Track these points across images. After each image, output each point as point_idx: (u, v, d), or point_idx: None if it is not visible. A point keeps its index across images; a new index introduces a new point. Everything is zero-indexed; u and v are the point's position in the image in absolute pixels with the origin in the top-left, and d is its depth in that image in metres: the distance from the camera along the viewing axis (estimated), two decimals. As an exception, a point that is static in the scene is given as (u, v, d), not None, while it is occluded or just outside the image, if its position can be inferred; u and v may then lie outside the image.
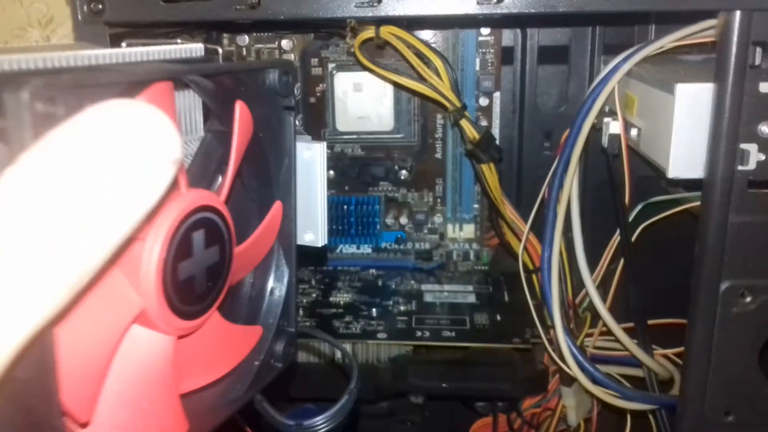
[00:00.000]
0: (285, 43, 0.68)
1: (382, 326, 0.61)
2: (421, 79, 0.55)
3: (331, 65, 0.68)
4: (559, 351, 0.56)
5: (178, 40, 0.40)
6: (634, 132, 0.57)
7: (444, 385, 0.59)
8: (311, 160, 0.46)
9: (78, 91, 0.24)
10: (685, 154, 0.47)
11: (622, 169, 0.59)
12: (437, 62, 0.54)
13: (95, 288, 0.27)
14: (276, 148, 0.43)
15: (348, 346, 0.60)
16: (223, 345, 0.38)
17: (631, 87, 0.57)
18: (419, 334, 0.59)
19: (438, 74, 0.55)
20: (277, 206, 0.42)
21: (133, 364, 0.31)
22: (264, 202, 0.42)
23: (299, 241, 0.45)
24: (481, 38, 0.66)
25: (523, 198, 0.71)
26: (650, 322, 0.63)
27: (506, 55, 0.69)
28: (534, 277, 0.64)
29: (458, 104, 0.55)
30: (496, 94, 0.68)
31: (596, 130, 0.64)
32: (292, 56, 0.68)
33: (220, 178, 0.39)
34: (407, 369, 0.59)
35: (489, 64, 0.67)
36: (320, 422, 0.44)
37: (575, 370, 0.54)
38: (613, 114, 0.59)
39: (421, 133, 0.70)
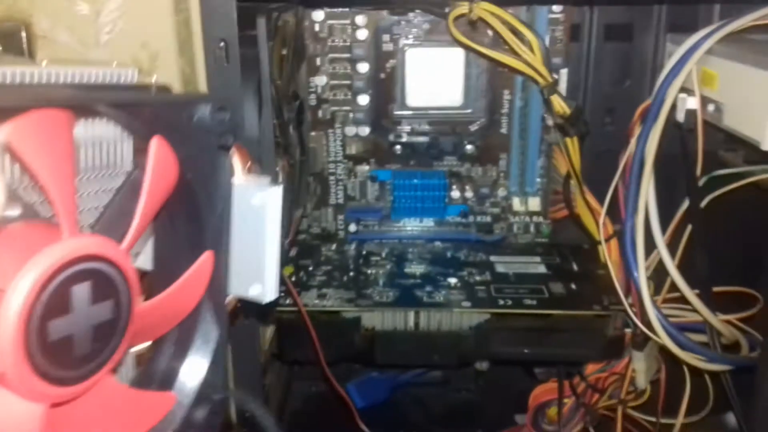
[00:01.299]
0: (359, 19, 0.68)
1: (463, 295, 0.63)
2: (515, 54, 0.56)
3: (402, 41, 0.69)
4: (644, 318, 0.58)
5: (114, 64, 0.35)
6: (711, 107, 0.59)
7: (526, 350, 0.61)
8: (263, 206, 0.40)
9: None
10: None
11: (695, 143, 0.61)
12: (531, 38, 0.55)
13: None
14: (207, 191, 0.38)
15: (433, 314, 0.62)
16: (120, 414, 0.33)
17: (710, 63, 0.59)
18: (502, 302, 0.61)
19: (531, 50, 0.56)
20: (206, 256, 0.38)
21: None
22: (196, 249, 0.38)
23: (243, 294, 0.41)
24: (551, 15, 0.68)
25: (586, 171, 0.73)
26: (715, 289, 0.66)
27: (573, 33, 0.70)
28: (600, 248, 0.66)
29: (550, 79, 0.57)
30: (564, 71, 0.70)
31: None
32: (365, 32, 0.69)
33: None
34: (491, 336, 0.61)
35: (558, 41, 0.69)
36: None
37: (663, 337, 0.56)
38: (686, 90, 0.61)
39: (488, 108, 0.72)
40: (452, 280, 0.65)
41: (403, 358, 0.63)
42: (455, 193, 0.74)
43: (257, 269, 0.41)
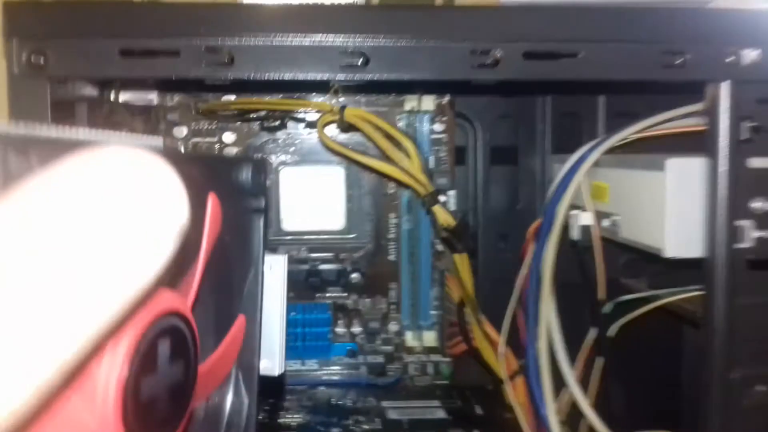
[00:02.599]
0: (227, 136, 0.62)
1: (347, 449, 0.52)
2: (391, 161, 0.51)
3: (277, 159, 0.63)
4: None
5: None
6: (606, 221, 0.55)
7: None
8: (271, 276, 0.40)
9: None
10: (681, 231, 0.46)
11: (592, 263, 0.56)
12: (407, 144, 0.51)
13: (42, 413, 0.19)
14: (242, 254, 0.37)
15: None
16: None
17: (599, 176, 0.57)
18: (393, 455, 0.51)
19: (408, 156, 0.51)
20: (240, 321, 0.36)
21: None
22: (221, 316, 0.36)
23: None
24: (434, 136, 0.65)
25: (480, 300, 0.67)
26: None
27: (459, 156, 0.67)
28: (505, 388, 0.58)
29: (430, 188, 0.51)
30: (451, 192, 0.65)
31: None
32: (234, 150, 0.63)
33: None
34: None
35: (443, 162, 0.65)
36: None
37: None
38: (577, 207, 0.58)
39: (374, 233, 0.65)
40: (334, 431, 0.54)
41: None
42: (340, 329, 0.65)
43: (266, 342, 0.39)
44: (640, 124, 0.54)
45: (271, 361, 0.41)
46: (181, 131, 0.61)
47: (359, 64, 0.39)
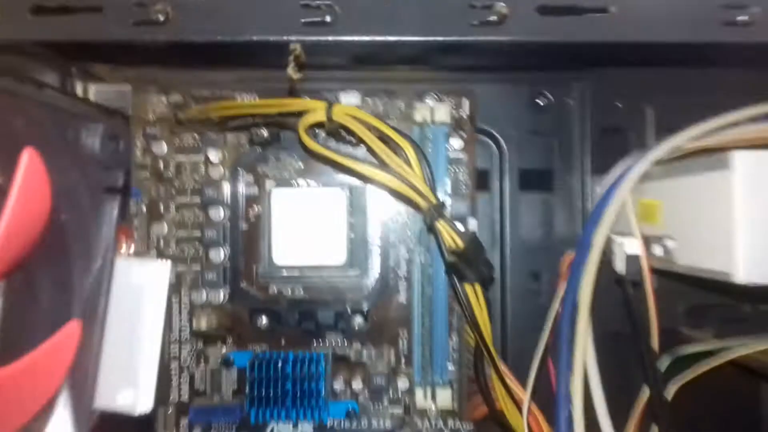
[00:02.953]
0: (213, 154, 0.55)
1: None
2: (388, 169, 0.42)
3: (269, 182, 0.55)
4: None
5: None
6: (657, 248, 0.44)
7: None
8: (144, 287, 0.34)
9: None
10: (759, 247, 0.34)
11: (643, 304, 0.45)
12: (408, 149, 0.42)
13: None
14: (85, 243, 0.30)
15: None
16: None
17: (648, 193, 0.46)
18: None
19: (409, 164, 0.42)
20: (72, 327, 0.29)
21: None
22: (59, 318, 0.28)
23: (107, 403, 0.32)
24: (451, 154, 0.55)
25: (509, 353, 0.56)
26: None
27: (481, 180, 0.57)
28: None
29: (434, 200, 0.42)
30: (473, 221, 0.55)
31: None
32: (221, 169, 0.55)
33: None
34: None
35: (462, 185, 0.55)
36: None
37: None
38: (622, 235, 0.47)
39: (381, 268, 0.55)
40: None
41: None
42: (339, 385, 0.55)
43: (130, 370, 0.32)
44: (699, 128, 0.43)
45: (134, 395, 0.33)
46: (161, 148, 0.54)
47: (326, 21, 0.30)
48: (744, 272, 0.34)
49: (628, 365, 0.50)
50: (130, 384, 0.31)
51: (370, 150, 0.42)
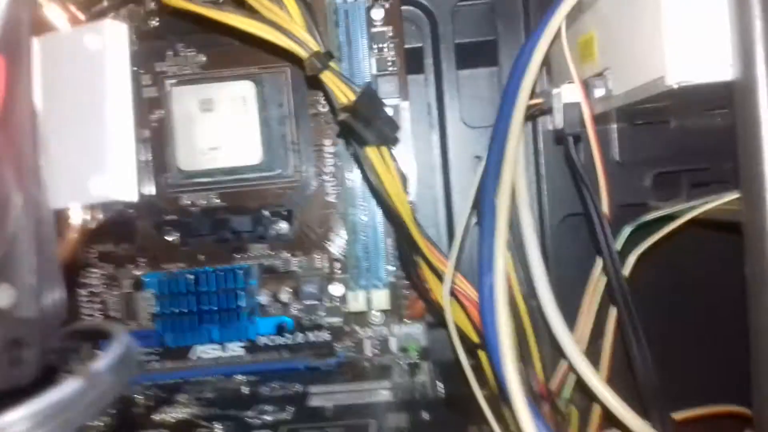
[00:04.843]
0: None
1: (222, 447, 0.35)
2: (258, 17, 0.35)
3: (169, 81, 0.49)
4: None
5: None
6: (599, 90, 0.37)
7: None
8: (102, 52, 0.28)
9: None
10: (693, 43, 0.27)
11: (591, 160, 0.38)
12: (284, -2, 0.34)
13: None
14: None
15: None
16: None
17: (583, 25, 0.38)
18: (284, 452, 0.33)
19: (287, 12, 0.35)
20: None
21: None
22: None
23: (85, 199, 0.27)
24: (374, 29, 0.48)
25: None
26: (677, 415, 0.39)
27: (412, 61, 0.50)
28: (482, 355, 0.39)
29: (316, 47, 0.35)
30: (404, 104, 0.48)
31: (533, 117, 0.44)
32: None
33: None
34: None
35: (389, 64, 0.48)
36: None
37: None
38: (560, 81, 0.40)
39: (303, 166, 0.49)
40: (219, 426, 0.38)
41: None
42: (265, 298, 0.49)
43: (101, 152, 0.27)
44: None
45: (108, 180, 0.27)
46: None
47: None
48: (674, 71, 0.27)
49: (582, 247, 0.43)
50: (103, 171, 0.27)
51: (244, 5, 0.36)
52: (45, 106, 0.28)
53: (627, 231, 0.41)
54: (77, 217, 0.28)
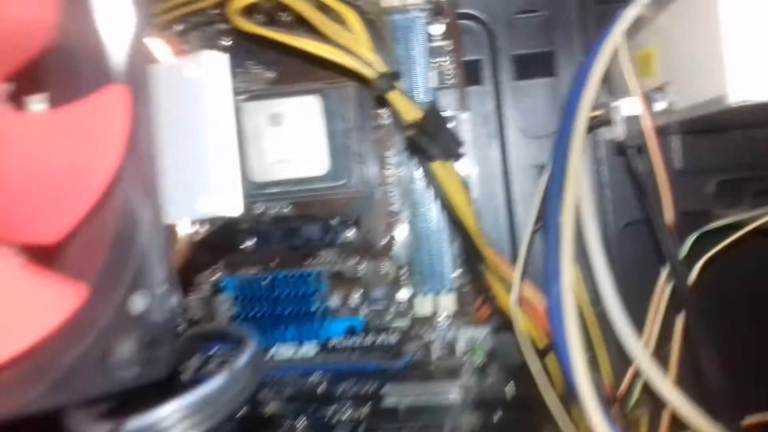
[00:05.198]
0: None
1: (307, 443, 0.38)
2: (328, 41, 0.38)
3: (240, 97, 0.52)
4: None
5: None
6: (659, 103, 0.38)
7: None
8: (203, 79, 0.30)
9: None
10: (754, 61, 0.28)
11: (652, 172, 0.39)
12: (350, 17, 0.37)
13: None
14: None
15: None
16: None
17: (642, 43, 0.40)
18: (366, 449, 0.36)
19: (351, 33, 0.37)
20: (116, 91, 0.25)
21: None
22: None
23: (194, 215, 0.30)
24: (433, 43, 0.50)
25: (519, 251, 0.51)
26: (745, 421, 0.40)
27: (471, 74, 0.52)
28: (549, 359, 0.41)
29: (382, 68, 0.37)
30: (464, 116, 0.50)
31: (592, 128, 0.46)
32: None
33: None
34: None
35: (447, 77, 0.50)
36: (165, 422, 0.21)
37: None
38: (619, 93, 0.41)
39: (368, 176, 0.52)
40: (302, 420, 0.40)
41: None
42: (335, 302, 0.51)
43: (205, 173, 0.30)
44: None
45: (215, 199, 0.30)
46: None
47: None
48: (735, 90, 0.28)
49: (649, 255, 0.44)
50: (209, 189, 0.29)
51: (310, 26, 0.38)
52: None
53: (691, 239, 0.43)
54: (185, 230, 0.30)
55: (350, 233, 0.51)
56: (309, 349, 0.52)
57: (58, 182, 0.24)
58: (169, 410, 0.21)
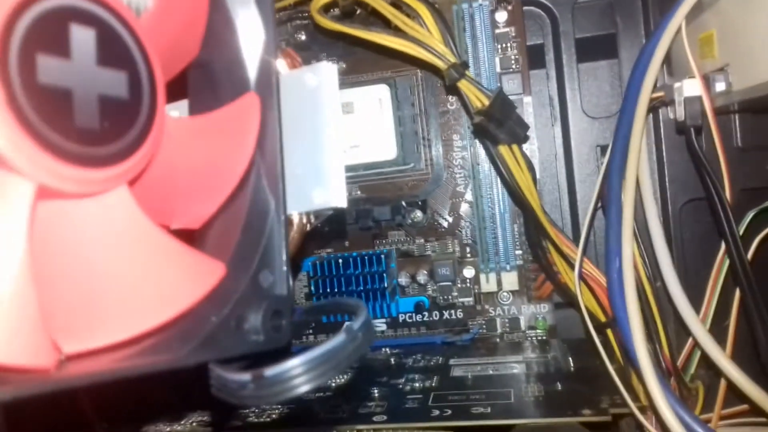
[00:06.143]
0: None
1: (382, 407, 0.41)
2: (401, 34, 0.40)
3: (314, 87, 0.55)
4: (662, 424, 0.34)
5: None
6: (719, 84, 0.39)
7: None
8: (317, 88, 0.33)
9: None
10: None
11: (713, 150, 0.40)
12: (422, 10, 0.39)
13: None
14: None
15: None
16: (154, 268, 0.26)
17: (703, 23, 0.41)
18: (436, 413, 0.39)
19: (426, 28, 0.40)
20: (250, 98, 0.30)
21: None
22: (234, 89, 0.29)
23: (307, 207, 0.32)
24: (498, 30, 0.52)
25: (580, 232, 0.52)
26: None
27: (534, 57, 0.54)
28: (609, 333, 0.43)
29: (453, 59, 0.39)
30: (527, 99, 0.52)
31: (654, 108, 0.46)
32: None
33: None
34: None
35: (513, 62, 0.52)
36: (295, 371, 0.25)
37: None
38: (680, 75, 0.42)
39: (434, 159, 0.54)
40: (375, 390, 0.44)
41: None
42: (403, 279, 0.54)
43: (316, 170, 0.32)
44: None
45: (325, 192, 0.32)
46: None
47: None
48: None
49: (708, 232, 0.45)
50: (322, 184, 0.32)
51: (385, 21, 0.41)
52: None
53: (750, 215, 0.43)
54: (298, 220, 0.33)
55: (418, 214, 0.54)
56: (379, 324, 0.55)
57: (205, 176, 0.28)
58: (300, 361, 0.25)
